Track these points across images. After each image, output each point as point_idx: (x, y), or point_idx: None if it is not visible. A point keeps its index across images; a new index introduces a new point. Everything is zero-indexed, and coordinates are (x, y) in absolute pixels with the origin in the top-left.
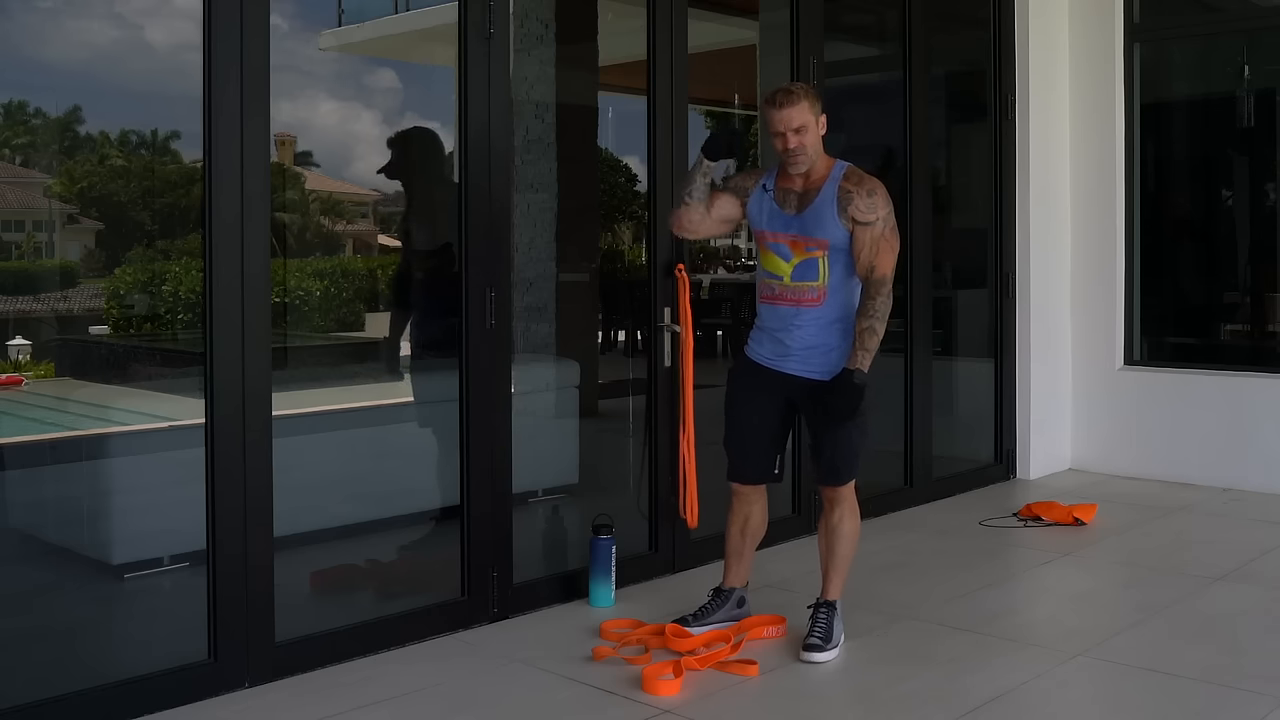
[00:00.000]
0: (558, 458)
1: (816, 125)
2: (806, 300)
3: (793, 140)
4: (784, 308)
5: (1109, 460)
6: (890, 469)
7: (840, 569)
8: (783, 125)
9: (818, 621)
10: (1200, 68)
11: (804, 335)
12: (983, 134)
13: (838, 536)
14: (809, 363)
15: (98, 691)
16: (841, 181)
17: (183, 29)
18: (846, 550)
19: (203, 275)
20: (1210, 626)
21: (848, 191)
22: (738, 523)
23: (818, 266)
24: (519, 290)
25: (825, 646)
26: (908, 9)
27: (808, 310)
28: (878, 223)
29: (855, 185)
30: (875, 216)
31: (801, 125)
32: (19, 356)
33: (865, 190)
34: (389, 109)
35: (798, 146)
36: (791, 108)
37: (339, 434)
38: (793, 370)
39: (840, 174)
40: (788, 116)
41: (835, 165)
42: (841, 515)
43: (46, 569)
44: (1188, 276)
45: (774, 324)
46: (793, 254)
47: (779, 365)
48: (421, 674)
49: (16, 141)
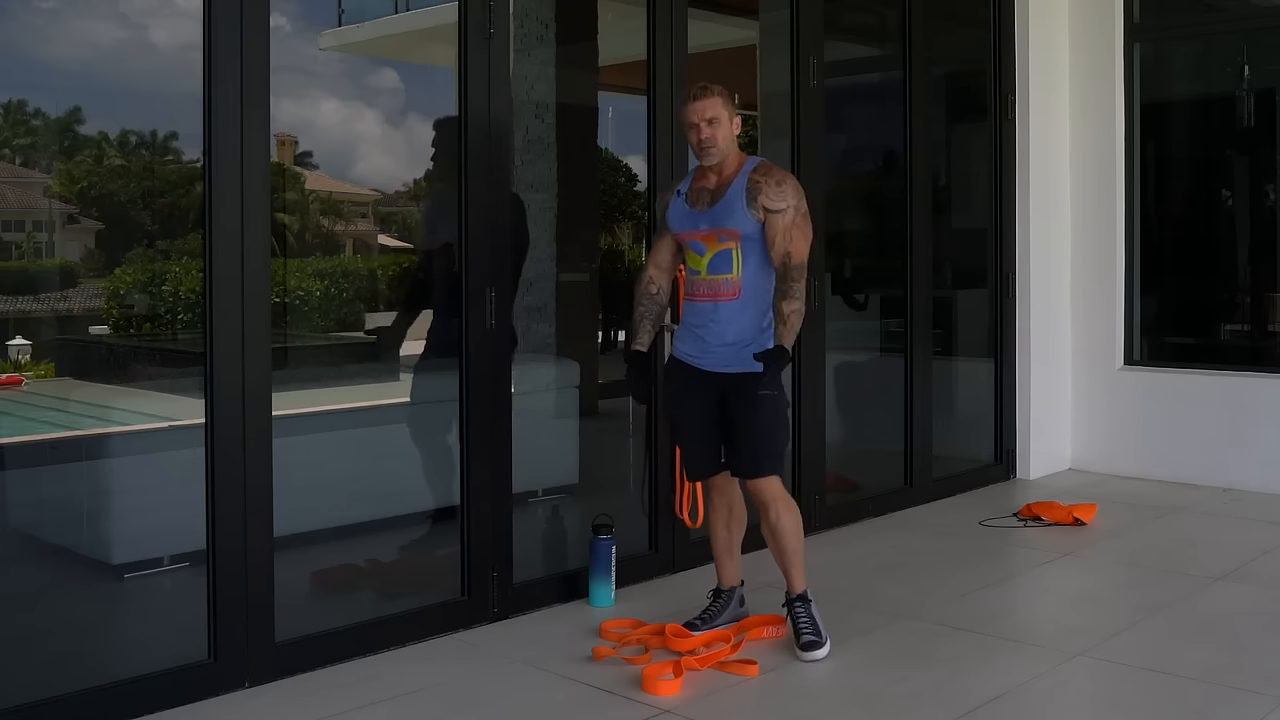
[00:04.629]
0: (558, 458)
1: (729, 121)
2: (723, 294)
3: (705, 131)
4: (702, 303)
5: (1109, 460)
6: (890, 469)
7: (796, 562)
8: (696, 115)
9: (800, 618)
10: (1200, 68)
11: (721, 331)
12: (983, 134)
13: (781, 533)
14: (728, 359)
15: (98, 691)
16: (751, 174)
17: (183, 29)
18: (794, 544)
19: (203, 275)
20: (1210, 626)
21: (756, 182)
22: (720, 517)
23: (731, 258)
24: (519, 290)
25: (821, 641)
26: (908, 9)
27: (725, 305)
28: (788, 210)
29: (764, 176)
30: (785, 204)
31: (714, 117)
32: (19, 356)
33: (774, 180)
34: (389, 109)
35: (709, 137)
36: (705, 99)
37: (339, 434)
38: (712, 368)
39: (751, 168)
40: (701, 107)
41: (747, 160)
42: (778, 513)
43: (46, 569)
44: (1188, 276)
45: (694, 320)
46: (706, 248)
47: (699, 363)
48: (421, 674)
49: (17, 141)
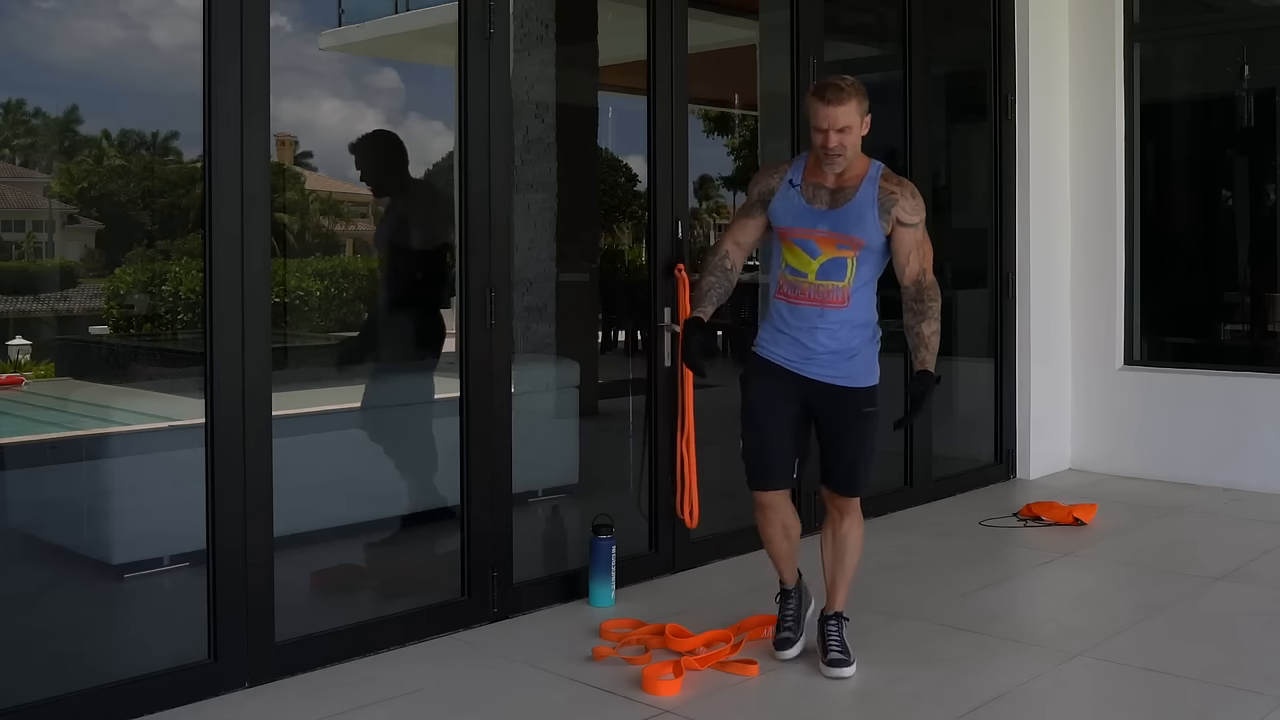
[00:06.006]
0: (558, 458)
1: (860, 125)
2: (831, 301)
3: (834, 139)
4: (806, 307)
5: (1109, 460)
6: (890, 469)
7: (848, 579)
8: (827, 123)
9: (833, 634)
10: (1200, 68)
11: (828, 338)
12: (983, 134)
13: (847, 547)
14: (833, 368)
15: (98, 691)
16: (881, 182)
17: (183, 29)
18: (854, 561)
19: (203, 275)
20: (1210, 626)
21: (890, 193)
22: (778, 529)
23: (846, 266)
24: (519, 290)
25: (849, 660)
26: (908, 9)
27: (832, 311)
28: (919, 225)
29: (897, 186)
30: (919, 218)
31: (847, 125)
32: (19, 356)
33: (908, 192)
34: (389, 109)
35: (838, 146)
36: (840, 106)
37: (339, 434)
38: (815, 375)
39: (878, 174)
40: (834, 115)
41: (871, 165)
42: (850, 525)
43: (46, 569)
44: (1188, 276)
45: (795, 323)
46: (821, 251)
47: (801, 369)
48: (421, 674)
49: (17, 142)
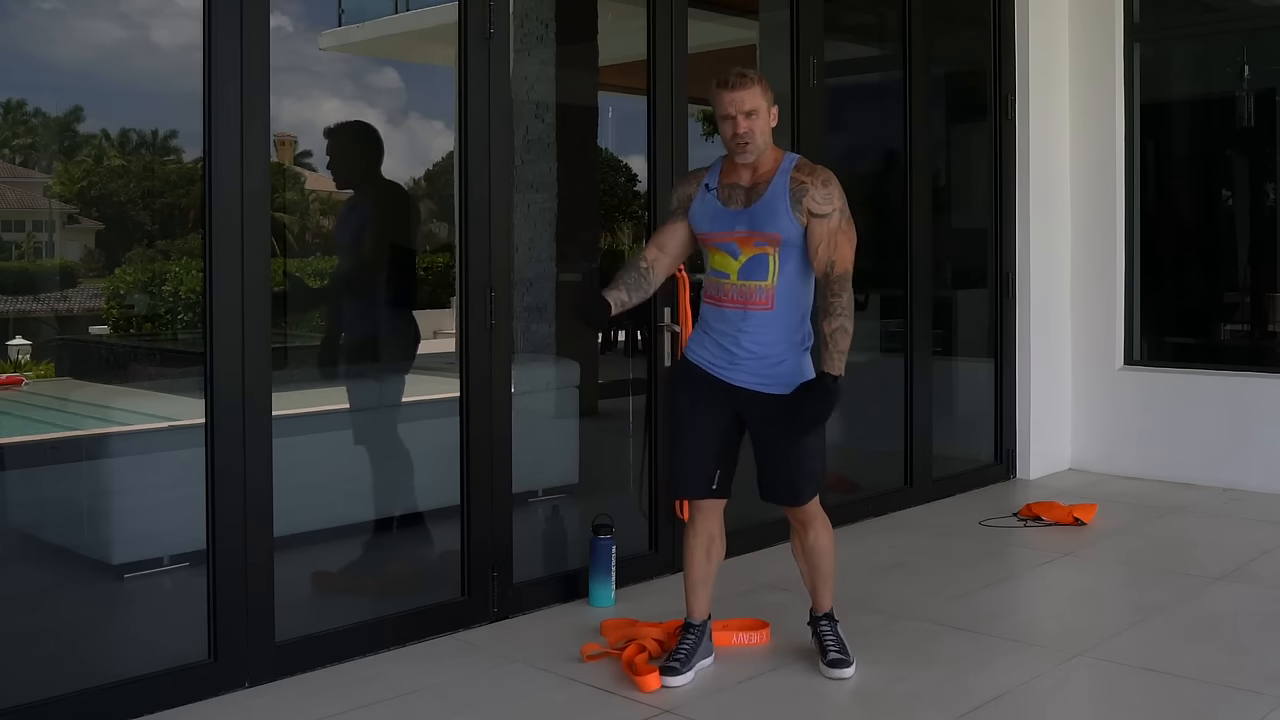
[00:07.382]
0: (558, 458)
1: (768, 113)
2: (754, 302)
3: (743, 124)
4: (730, 310)
5: (1109, 460)
6: (890, 469)
7: (828, 581)
8: (733, 108)
9: (826, 636)
10: (1200, 68)
11: (752, 342)
12: (983, 134)
13: (818, 554)
14: (758, 374)
15: (98, 691)
16: (793, 172)
17: (183, 28)
18: (828, 564)
19: (203, 275)
20: (1210, 626)
21: (801, 182)
22: (701, 545)
23: (767, 264)
24: (519, 290)
25: (849, 660)
26: (908, 9)
27: (756, 313)
28: (834, 214)
29: (808, 176)
30: (831, 208)
31: (753, 109)
32: (19, 356)
33: (820, 180)
34: (389, 109)
35: (747, 131)
36: (744, 90)
37: (339, 434)
38: (740, 382)
39: (791, 165)
40: (739, 99)
41: (785, 157)
42: (816, 533)
43: (46, 569)
44: (1188, 276)
45: (720, 326)
46: (741, 251)
47: (725, 375)
48: (421, 674)
49: (16, 141)
